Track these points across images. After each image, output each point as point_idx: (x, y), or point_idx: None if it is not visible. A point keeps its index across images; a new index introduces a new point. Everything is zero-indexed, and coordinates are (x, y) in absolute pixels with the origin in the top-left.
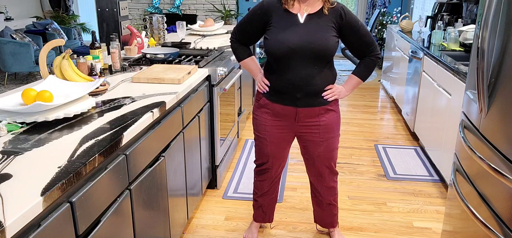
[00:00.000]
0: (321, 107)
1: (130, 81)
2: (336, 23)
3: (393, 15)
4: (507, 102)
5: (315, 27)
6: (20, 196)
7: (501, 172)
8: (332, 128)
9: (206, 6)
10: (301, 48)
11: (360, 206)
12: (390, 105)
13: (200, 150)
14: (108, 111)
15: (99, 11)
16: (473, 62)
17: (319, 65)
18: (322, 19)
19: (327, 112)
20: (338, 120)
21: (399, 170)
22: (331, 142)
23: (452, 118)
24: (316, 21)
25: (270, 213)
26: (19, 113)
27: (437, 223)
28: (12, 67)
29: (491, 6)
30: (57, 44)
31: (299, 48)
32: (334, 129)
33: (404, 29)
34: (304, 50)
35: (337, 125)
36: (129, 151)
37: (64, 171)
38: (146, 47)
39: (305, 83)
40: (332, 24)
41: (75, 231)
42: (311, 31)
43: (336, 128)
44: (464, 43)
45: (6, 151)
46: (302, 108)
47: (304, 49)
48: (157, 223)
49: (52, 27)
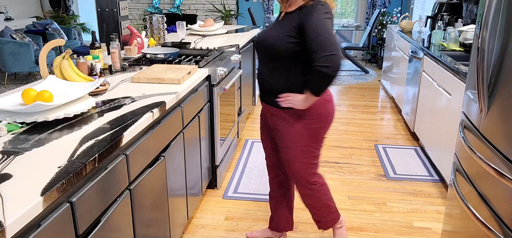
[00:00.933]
0: (275, 109)
1: (130, 81)
2: (298, 23)
3: (393, 15)
4: (507, 102)
5: (278, 26)
6: (20, 196)
7: (501, 172)
8: (284, 137)
9: (206, 6)
10: (258, 45)
11: (360, 206)
12: (390, 105)
13: (200, 150)
14: (108, 111)
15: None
16: (473, 62)
17: (272, 64)
18: (290, 18)
19: (281, 119)
20: (293, 134)
21: (399, 170)
22: (285, 152)
23: (452, 118)
24: (285, 20)
25: (277, 220)
26: (19, 113)
27: (437, 223)
28: (12, 67)
29: (491, 6)
30: (57, 44)
31: (257, 44)
32: (286, 139)
33: (404, 29)
34: (259, 46)
35: (291, 137)
36: (129, 151)
37: (64, 171)
38: (146, 47)
39: (260, 78)
40: (294, 24)
41: (75, 231)
42: (272, 29)
43: (289, 139)
44: (464, 43)
45: (6, 151)
46: (264, 103)
47: (259, 46)
48: (157, 223)
49: (52, 27)
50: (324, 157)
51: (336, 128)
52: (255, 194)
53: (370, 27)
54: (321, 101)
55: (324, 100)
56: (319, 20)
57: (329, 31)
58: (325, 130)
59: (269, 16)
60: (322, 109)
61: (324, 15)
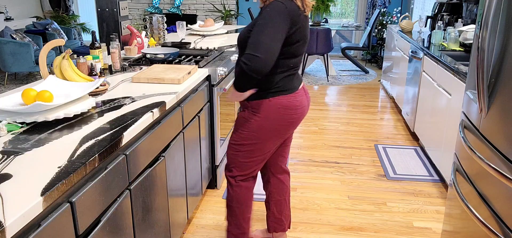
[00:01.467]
0: (247, 101)
1: (130, 81)
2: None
3: (393, 15)
4: (507, 102)
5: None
6: (20, 196)
7: (501, 172)
8: (238, 123)
9: (206, 6)
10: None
11: (360, 206)
12: (390, 105)
13: (200, 150)
14: (108, 111)
15: (99, 11)
16: (473, 62)
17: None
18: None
19: (244, 108)
20: (247, 125)
21: (399, 170)
22: (232, 138)
23: (452, 118)
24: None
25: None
26: (19, 113)
27: (437, 223)
28: (12, 67)
29: (491, 6)
30: (57, 44)
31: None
32: (238, 126)
33: (404, 29)
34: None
35: (243, 126)
36: (129, 151)
37: (64, 171)
38: (146, 47)
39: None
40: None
41: (75, 231)
42: (247, 25)
43: (241, 127)
44: (464, 43)
45: (6, 151)
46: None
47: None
48: (157, 223)
49: (52, 27)
50: (324, 157)
51: (336, 128)
52: (255, 194)
53: (370, 27)
54: (277, 104)
55: (281, 104)
56: (264, 19)
57: (267, 33)
58: (273, 135)
59: None
60: (273, 111)
61: (277, 14)
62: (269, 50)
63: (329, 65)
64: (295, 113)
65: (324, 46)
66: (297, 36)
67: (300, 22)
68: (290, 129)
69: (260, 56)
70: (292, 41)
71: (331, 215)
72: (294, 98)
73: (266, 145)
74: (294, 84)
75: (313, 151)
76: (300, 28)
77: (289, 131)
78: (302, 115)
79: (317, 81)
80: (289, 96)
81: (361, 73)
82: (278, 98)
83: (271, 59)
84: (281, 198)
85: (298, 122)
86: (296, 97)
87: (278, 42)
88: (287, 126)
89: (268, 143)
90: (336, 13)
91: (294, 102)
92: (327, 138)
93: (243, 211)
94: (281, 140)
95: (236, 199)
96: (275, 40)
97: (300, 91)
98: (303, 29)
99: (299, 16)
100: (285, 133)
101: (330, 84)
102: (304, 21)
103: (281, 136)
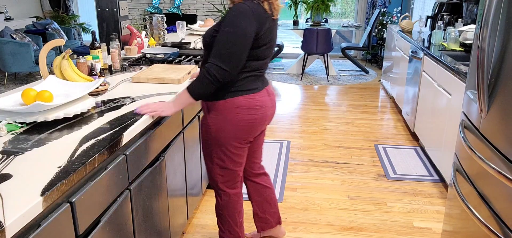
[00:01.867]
0: (204, 102)
1: (130, 81)
2: (222, 19)
3: (393, 15)
4: (507, 102)
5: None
6: (20, 196)
7: (501, 172)
8: (201, 130)
9: (206, 6)
10: None
11: (360, 206)
12: (390, 105)
13: (200, 150)
14: (108, 111)
15: (99, 11)
16: (473, 62)
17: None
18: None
19: (207, 114)
20: (208, 130)
21: (399, 170)
22: (202, 149)
23: (452, 118)
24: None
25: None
26: (19, 113)
27: (437, 223)
28: (12, 67)
29: (491, 6)
30: (57, 44)
31: None
32: (202, 133)
33: (404, 29)
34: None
35: (205, 133)
36: (129, 151)
37: (64, 171)
38: (146, 47)
39: None
40: (220, 21)
41: (75, 231)
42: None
43: (204, 135)
44: (464, 43)
45: (6, 151)
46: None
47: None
48: (157, 223)
49: (52, 27)
50: (324, 157)
51: (336, 128)
52: None
53: (370, 27)
54: (234, 104)
55: (239, 104)
56: (232, 25)
57: (235, 42)
58: (236, 137)
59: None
60: (231, 112)
61: (243, 19)
62: (239, 64)
63: (329, 65)
64: (256, 113)
65: (324, 46)
66: (263, 40)
67: (267, 25)
68: (253, 130)
69: (229, 70)
70: (258, 44)
71: (331, 215)
72: (253, 98)
73: (233, 149)
74: (255, 85)
75: (313, 151)
76: (267, 32)
77: (254, 132)
78: (266, 115)
79: (317, 81)
80: (248, 96)
81: (361, 73)
82: (235, 98)
83: (237, 69)
84: (261, 198)
85: (262, 122)
86: (256, 97)
87: (246, 51)
88: (249, 127)
89: (234, 147)
90: (336, 13)
91: (253, 102)
92: (327, 138)
93: (234, 217)
94: (248, 141)
95: (226, 207)
96: (243, 50)
97: (262, 92)
98: (269, 33)
99: (265, 19)
100: (249, 134)
101: (330, 84)
102: (271, 24)
103: (245, 138)
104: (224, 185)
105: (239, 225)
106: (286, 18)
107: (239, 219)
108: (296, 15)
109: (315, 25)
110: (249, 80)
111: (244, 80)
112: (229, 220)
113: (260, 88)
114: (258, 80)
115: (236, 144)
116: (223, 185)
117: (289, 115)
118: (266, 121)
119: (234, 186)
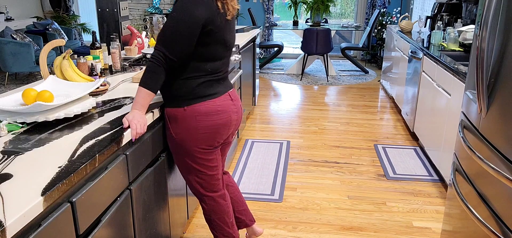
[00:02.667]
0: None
1: (131, 81)
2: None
3: (392, 15)
4: (506, 102)
5: None
6: (21, 196)
7: (501, 172)
8: (170, 144)
9: None
10: None
11: (360, 206)
12: (390, 105)
13: None
14: (109, 111)
15: (100, 11)
16: (472, 62)
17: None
18: None
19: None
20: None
21: (398, 170)
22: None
23: (451, 118)
24: None
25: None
26: (19, 113)
27: (437, 223)
28: (12, 67)
29: (490, 6)
30: (57, 44)
31: None
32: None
33: (403, 29)
34: None
35: (171, 146)
36: (129, 151)
37: (65, 171)
38: (147, 47)
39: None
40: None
41: (76, 231)
42: None
43: (171, 148)
44: (463, 43)
45: (7, 151)
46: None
47: None
48: (157, 223)
49: (52, 27)
50: (324, 157)
51: (336, 128)
52: (255, 194)
53: (369, 27)
54: (194, 112)
55: (199, 111)
56: (178, 10)
57: (178, 26)
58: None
59: (269, 16)
60: (191, 121)
61: (191, 4)
62: (182, 50)
63: (329, 65)
64: (219, 119)
65: (323, 46)
66: (214, 36)
67: (219, 22)
68: (218, 135)
69: (171, 56)
70: (205, 42)
71: (331, 215)
72: (213, 103)
73: (202, 155)
74: (214, 90)
75: (313, 151)
76: (219, 29)
77: (219, 137)
78: (229, 120)
79: (317, 81)
80: (207, 102)
81: (360, 73)
82: (194, 106)
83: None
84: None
85: (226, 128)
86: (216, 102)
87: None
88: (213, 133)
89: (202, 153)
90: (336, 13)
91: (213, 107)
92: (327, 138)
93: (224, 219)
94: (215, 146)
95: (213, 211)
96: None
97: (223, 97)
98: (221, 33)
99: (217, 15)
100: (214, 140)
101: (330, 84)
102: (223, 24)
103: (211, 144)
104: (205, 190)
105: (230, 225)
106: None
107: (229, 220)
108: (296, 15)
109: (315, 26)
110: (206, 85)
111: (200, 86)
112: (220, 223)
113: (221, 92)
114: (217, 85)
115: (203, 151)
116: (204, 191)
117: (289, 115)
118: (231, 126)
119: (216, 189)
